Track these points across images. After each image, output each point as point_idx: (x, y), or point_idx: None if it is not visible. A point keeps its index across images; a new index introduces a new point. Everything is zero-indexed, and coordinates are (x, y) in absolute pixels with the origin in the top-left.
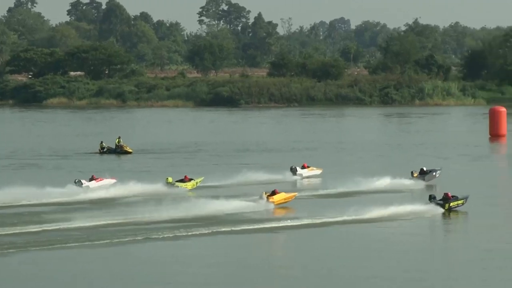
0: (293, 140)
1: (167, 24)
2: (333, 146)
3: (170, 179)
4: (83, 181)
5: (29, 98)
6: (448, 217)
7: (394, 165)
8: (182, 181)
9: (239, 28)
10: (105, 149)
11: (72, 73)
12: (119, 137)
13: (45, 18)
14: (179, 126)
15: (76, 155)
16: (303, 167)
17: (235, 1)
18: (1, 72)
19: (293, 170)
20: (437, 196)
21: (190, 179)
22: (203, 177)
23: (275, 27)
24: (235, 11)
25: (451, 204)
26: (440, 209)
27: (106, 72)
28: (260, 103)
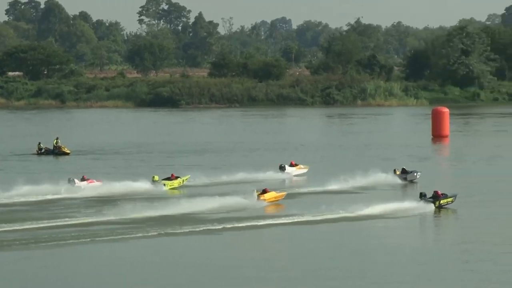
0: (234, 141)
1: (107, 24)
2: (274, 147)
3: (156, 177)
4: (76, 181)
5: None
6: (438, 214)
7: (341, 166)
8: (168, 179)
9: (180, 27)
10: (42, 150)
11: (10, 73)
12: (57, 138)
13: None
14: (119, 127)
15: (13, 156)
16: (291, 165)
17: (176, 1)
18: None
19: (281, 168)
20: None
21: (176, 177)
22: (189, 175)
23: (216, 27)
24: (175, 11)
25: (441, 202)
26: (431, 207)
27: (45, 72)
28: (201, 103)
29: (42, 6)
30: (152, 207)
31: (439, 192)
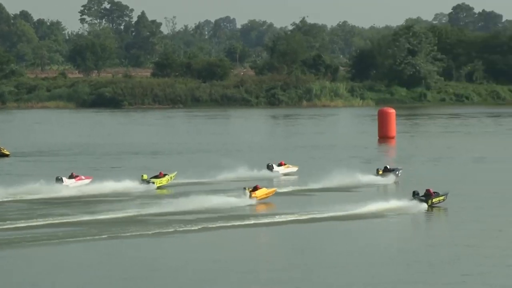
0: (178, 142)
1: (48, 23)
2: (218, 148)
3: (145, 176)
4: (64, 179)
5: None
6: (431, 212)
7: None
8: (157, 177)
9: (122, 27)
10: None
11: None
12: None
13: None
14: (60, 128)
15: None
16: (280, 164)
17: (118, 0)
18: None
19: (269, 168)
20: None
21: (164, 175)
22: (176, 172)
23: (159, 26)
24: (117, 10)
25: (434, 200)
26: (424, 205)
27: None
28: (144, 104)
29: None
30: (139, 206)
31: (431, 190)
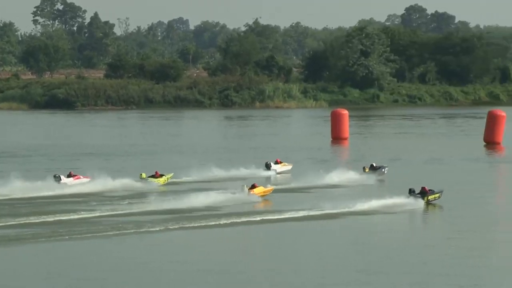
0: (132, 143)
1: (1, 24)
2: (172, 150)
3: (143, 174)
4: (62, 177)
5: None
6: (427, 209)
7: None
8: (153, 176)
9: (75, 28)
10: None
11: None
12: None
13: None
14: (14, 130)
15: None
16: (276, 162)
17: (71, 1)
18: None
19: (267, 166)
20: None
21: (161, 175)
22: (172, 173)
23: (112, 27)
24: (70, 11)
25: (429, 198)
26: (421, 202)
27: None
28: (97, 105)
29: None
30: (143, 202)
31: (426, 188)
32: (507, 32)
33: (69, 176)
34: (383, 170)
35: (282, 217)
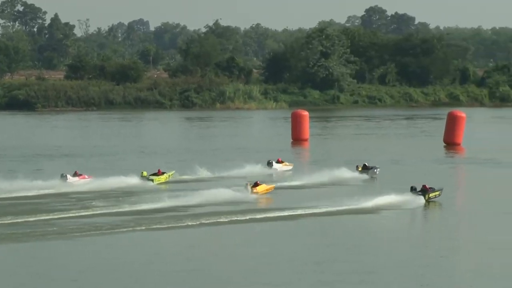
0: (93, 145)
1: None
2: (133, 151)
3: (145, 173)
4: (68, 176)
5: None
6: (428, 207)
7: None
8: (155, 174)
9: (35, 29)
10: None
11: None
12: None
13: None
14: None
15: None
16: (278, 161)
17: (31, 2)
18: None
19: (269, 164)
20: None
21: (163, 173)
22: (174, 171)
23: (72, 29)
24: (31, 12)
25: (430, 195)
26: (422, 200)
27: None
28: (58, 106)
29: None
30: (145, 200)
31: (427, 186)
32: (466, 33)
33: (74, 175)
34: (375, 170)
35: (285, 214)
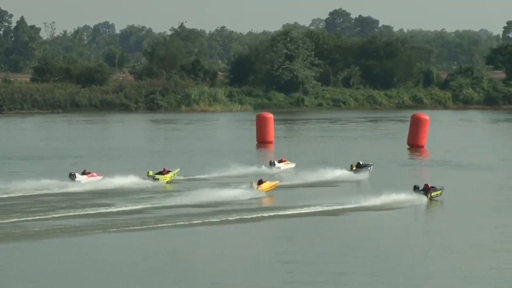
0: (59, 147)
1: None
2: (100, 153)
3: (150, 172)
4: (77, 175)
5: None
6: (431, 205)
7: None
8: (161, 173)
9: (1, 32)
10: None
11: None
12: None
13: None
14: None
15: None
16: (281, 161)
17: None
18: None
19: (271, 164)
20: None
21: (168, 171)
22: (179, 169)
23: (38, 32)
24: None
25: (432, 194)
26: (424, 198)
27: None
28: (23, 109)
29: None
30: (154, 199)
31: (429, 185)
32: (430, 36)
33: (83, 173)
34: (369, 168)
35: (289, 213)
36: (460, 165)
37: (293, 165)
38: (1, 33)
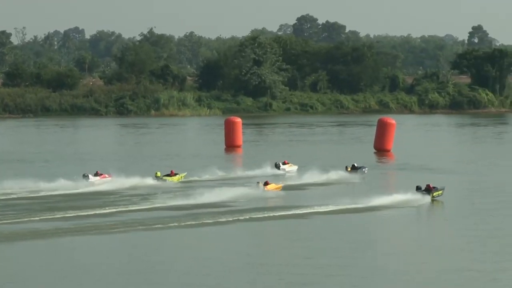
0: (28, 151)
1: None
2: (70, 157)
3: (159, 173)
4: (90, 176)
5: None
6: (433, 205)
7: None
8: (168, 175)
9: None
10: None
11: None
12: None
13: None
14: None
15: None
16: (284, 163)
17: None
18: None
19: (277, 166)
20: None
21: (175, 174)
22: (186, 173)
23: (8, 37)
24: None
25: (434, 194)
26: (427, 198)
27: None
28: None
29: None
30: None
31: (431, 185)
32: (396, 41)
33: (96, 175)
34: (363, 170)
35: (298, 212)
36: (425, 168)
37: (295, 167)
38: None
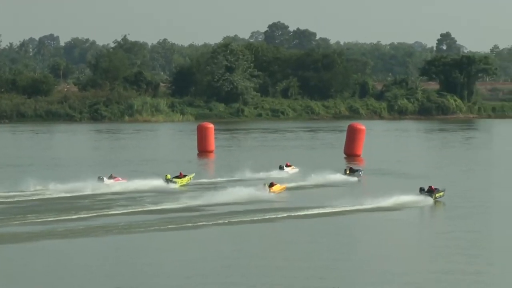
0: (4, 156)
1: None
2: (46, 162)
3: (168, 176)
4: (105, 179)
5: None
6: (436, 206)
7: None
8: (178, 177)
9: None
10: None
11: None
12: None
13: None
14: None
15: None
16: (287, 165)
17: None
18: None
19: (281, 168)
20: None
21: (184, 175)
22: (194, 173)
23: None
24: None
25: (436, 195)
26: (430, 200)
27: None
28: None
29: None
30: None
31: (433, 187)
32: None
33: (110, 177)
34: (360, 172)
35: (302, 213)
36: (395, 173)
37: (297, 169)
38: None
